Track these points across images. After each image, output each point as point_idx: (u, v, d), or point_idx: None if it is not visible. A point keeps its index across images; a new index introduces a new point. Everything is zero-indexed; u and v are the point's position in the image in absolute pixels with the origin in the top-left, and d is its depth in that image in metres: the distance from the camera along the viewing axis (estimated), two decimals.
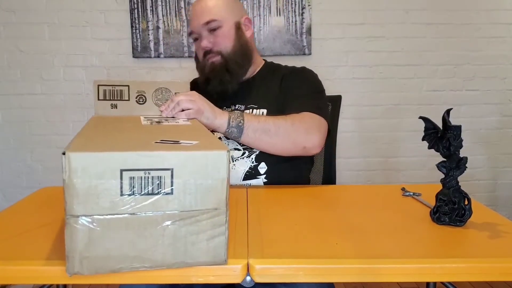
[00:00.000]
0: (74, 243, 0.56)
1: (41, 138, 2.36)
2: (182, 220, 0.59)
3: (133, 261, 0.59)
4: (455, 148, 0.77)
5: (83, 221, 0.56)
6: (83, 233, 0.56)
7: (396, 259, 0.65)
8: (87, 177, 0.55)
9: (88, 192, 0.55)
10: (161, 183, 0.57)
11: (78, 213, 0.55)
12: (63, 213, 0.57)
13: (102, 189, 0.55)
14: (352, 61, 2.36)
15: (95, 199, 0.55)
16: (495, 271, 0.64)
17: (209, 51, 1.21)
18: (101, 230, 0.56)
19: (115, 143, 0.67)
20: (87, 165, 0.55)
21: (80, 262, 0.57)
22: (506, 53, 2.39)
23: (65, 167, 0.54)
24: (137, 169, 0.56)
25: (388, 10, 2.33)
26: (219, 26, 1.20)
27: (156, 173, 0.56)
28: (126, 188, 0.56)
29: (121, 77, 2.34)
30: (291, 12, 2.28)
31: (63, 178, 0.55)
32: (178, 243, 0.60)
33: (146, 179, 0.57)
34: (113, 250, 0.58)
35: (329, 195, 1.05)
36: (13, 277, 0.63)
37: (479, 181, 2.49)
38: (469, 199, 0.77)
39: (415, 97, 2.40)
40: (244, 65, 1.24)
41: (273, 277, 0.63)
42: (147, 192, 0.57)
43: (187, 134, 0.78)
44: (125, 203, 0.56)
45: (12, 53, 2.29)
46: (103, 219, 0.56)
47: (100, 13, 2.28)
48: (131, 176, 0.56)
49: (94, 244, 0.57)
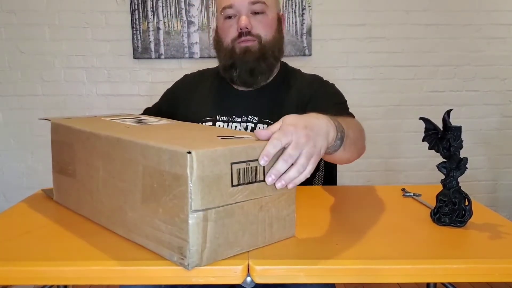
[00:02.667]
0: (196, 237, 0.59)
1: (42, 139, 2.35)
2: (271, 202, 0.67)
3: (239, 246, 0.65)
4: (455, 149, 0.77)
5: (203, 215, 0.59)
6: (203, 226, 0.59)
7: (396, 260, 0.65)
8: (207, 172, 0.59)
9: (207, 186, 0.59)
10: (257, 172, 0.64)
11: (199, 208, 0.58)
12: (63, 214, 0.57)
13: (218, 182, 0.60)
14: (352, 62, 2.36)
15: (213, 192, 0.60)
16: (495, 272, 0.64)
17: (247, 33, 1.07)
18: (217, 221, 0.61)
19: (212, 141, 0.70)
20: (207, 162, 0.59)
21: (200, 254, 0.60)
22: (506, 53, 2.40)
23: (189, 165, 0.57)
24: (242, 161, 0.62)
25: (389, 11, 2.33)
26: (264, 11, 1.08)
27: (254, 163, 0.63)
28: (235, 180, 0.62)
29: (121, 78, 2.34)
30: (291, 13, 2.28)
31: (185, 174, 0.57)
32: (269, 224, 0.68)
33: (247, 170, 0.63)
34: (225, 238, 0.62)
35: (329, 195, 1.05)
36: (14, 278, 0.63)
37: (479, 182, 2.49)
38: (469, 200, 0.77)
39: (415, 98, 2.40)
40: (277, 60, 1.14)
41: (273, 278, 0.63)
42: (248, 181, 0.63)
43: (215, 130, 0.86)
44: (234, 193, 0.62)
45: (12, 54, 2.30)
46: (219, 210, 0.61)
47: (101, 14, 2.29)
48: (238, 168, 0.62)
49: (212, 235, 0.61)
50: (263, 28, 1.08)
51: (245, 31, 1.07)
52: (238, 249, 0.64)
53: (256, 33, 1.08)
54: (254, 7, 1.07)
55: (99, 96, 2.35)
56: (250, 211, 0.65)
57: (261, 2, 1.07)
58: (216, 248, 0.62)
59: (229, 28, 1.10)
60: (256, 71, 1.09)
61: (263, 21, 1.08)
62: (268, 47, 1.09)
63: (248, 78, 1.11)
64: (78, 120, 0.91)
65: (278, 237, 0.70)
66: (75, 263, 0.63)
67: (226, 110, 1.15)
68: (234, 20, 1.08)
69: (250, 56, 1.08)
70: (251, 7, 1.07)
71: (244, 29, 1.06)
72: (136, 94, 2.36)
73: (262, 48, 1.08)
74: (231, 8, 1.08)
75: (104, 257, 0.65)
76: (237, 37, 1.08)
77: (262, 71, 1.11)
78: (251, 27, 1.07)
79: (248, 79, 1.11)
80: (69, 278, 0.62)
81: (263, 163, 0.64)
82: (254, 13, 1.07)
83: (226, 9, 1.08)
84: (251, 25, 1.07)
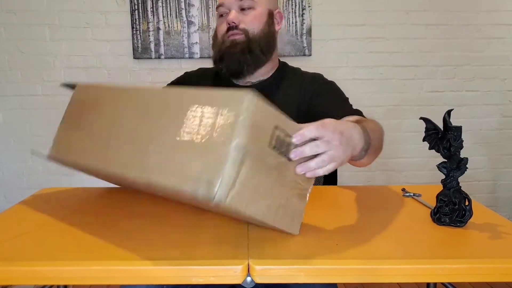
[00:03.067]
0: (230, 172, 0.59)
1: (42, 139, 2.36)
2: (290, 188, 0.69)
3: (255, 207, 0.65)
4: (455, 149, 0.77)
5: (242, 155, 0.60)
6: (238, 166, 0.60)
7: (396, 260, 0.65)
8: (256, 120, 0.61)
9: (253, 132, 0.61)
10: (289, 148, 0.66)
11: (242, 146, 0.60)
12: (63, 214, 0.57)
13: (261, 135, 0.63)
14: (353, 62, 2.36)
15: (255, 142, 0.62)
16: (495, 271, 0.64)
17: (234, 27, 1.12)
18: (250, 170, 0.62)
19: None
20: (259, 111, 0.62)
21: (228, 190, 0.59)
22: (506, 54, 2.40)
23: (245, 105, 0.60)
24: (283, 129, 0.65)
25: (389, 11, 2.33)
26: (253, 7, 1.13)
27: (289, 139, 0.66)
28: (273, 142, 0.64)
29: (122, 78, 2.34)
30: (291, 13, 2.28)
31: (238, 111, 0.60)
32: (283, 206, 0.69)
33: (283, 140, 0.66)
34: (251, 190, 0.63)
35: (329, 195, 1.05)
36: (14, 278, 0.63)
37: (479, 182, 2.49)
38: (469, 200, 0.77)
39: (416, 98, 2.40)
40: (266, 54, 1.16)
41: (273, 278, 0.63)
42: (280, 151, 0.66)
43: None
44: (267, 154, 0.64)
45: (12, 54, 2.30)
46: (255, 161, 0.62)
47: (101, 14, 2.29)
48: (278, 134, 0.64)
49: (242, 179, 0.61)
50: (250, 23, 1.13)
51: (233, 25, 1.13)
52: (253, 209, 0.64)
53: (243, 27, 1.13)
54: (242, 3, 1.13)
55: None
56: (275, 182, 0.66)
57: None
58: (241, 193, 0.61)
59: (221, 24, 1.17)
60: (242, 62, 1.13)
61: (251, 15, 1.13)
62: (254, 40, 1.13)
63: (234, 69, 1.15)
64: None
65: (284, 226, 0.71)
66: (75, 263, 0.63)
67: None
68: (225, 17, 1.15)
69: (236, 48, 1.13)
70: (239, 3, 1.13)
71: (232, 23, 1.12)
72: None
73: (248, 41, 1.13)
74: (223, 6, 1.15)
75: (104, 257, 0.65)
76: (226, 31, 1.14)
77: (248, 62, 1.14)
78: (239, 21, 1.13)
79: (234, 70, 1.15)
80: (69, 278, 0.62)
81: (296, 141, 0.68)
82: (243, 9, 1.13)
83: (219, 8, 1.16)
84: (238, 19, 1.13)
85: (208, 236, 0.74)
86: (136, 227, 0.79)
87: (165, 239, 0.73)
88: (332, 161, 0.69)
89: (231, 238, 0.73)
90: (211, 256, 0.66)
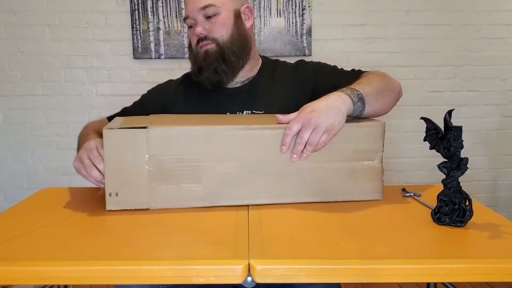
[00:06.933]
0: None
1: (42, 139, 2.36)
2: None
3: None
4: (456, 149, 0.77)
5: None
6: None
7: (396, 260, 0.65)
8: None
9: None
10: None
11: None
12: (64, 214, 0.57)
13: None
14: (353, 62, 2.36)
15: None
16: (495, 271, 0.64)
17: (203, 38, 1.13)
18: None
19: None
20: None
21: None
22: (506, 54, 2.40)
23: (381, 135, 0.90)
24: None
25: (389, 11, 2.33)
26: (217, 13, 1.12)
27: None
28: None
29: (121, 78, 2.34)
30: (292, 13, 2.28)
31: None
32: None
33: None
34: None
35: None
36: (14, 278, 0.63)
37: (480, 182, 2.49)
38: (470, 200, 0.77)
39: (416, 98, 2.40)
40: (242, 57, 1.16)
41: (274, 278, 0.63)
42: None
43: None
44: None
45: (12, 54, 2.30)
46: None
47: (101, 14, 2.29)
48: None
49: None
50: (218, 30, 1.13)
51: (202, 36, 1.13)
52: None
53: (212, 36, 1.13)
54: (205, 11, 1.12)
55: (99, 96, 2.35)
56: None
57: (211, 5, 1.11)
58: None
59: (192, 35, 1.17)
60: (219, 71, 1.14)
61: (217, 22, 1.13)
62: (226, 47, 1.13)
63: (215, 80, 1.15)
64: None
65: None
66: (75, 263, 0.63)
67: (220, 108, 1.16)
68: (194, 28, 1.15)
69: (210, 58, 1.13)
70: (203, 12, 1.12)
71: (200, 35, 1.13)
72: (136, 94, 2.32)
73: (220, 49, 1.13)
74: (189, 18, 1.15)
75: (104, 257, 0.65)
76: (196, 43, 1.15)
77: (224, 71, 1.14)
78: (207, 31, 1.13)
79: (214, 80, 1.15)
80: (69, 278, 0.62)
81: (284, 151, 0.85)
82: (209, 17, 1.12)
83: (186, 20, 1.16)
84: (206, 30, 1.13)
85: (209, 236, 0.74)
86: (136, 227, 0.79)
87: (165, 239, 0.73)
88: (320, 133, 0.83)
89: (231, 238, 0.73)
90: (211, 256, 0.65)
